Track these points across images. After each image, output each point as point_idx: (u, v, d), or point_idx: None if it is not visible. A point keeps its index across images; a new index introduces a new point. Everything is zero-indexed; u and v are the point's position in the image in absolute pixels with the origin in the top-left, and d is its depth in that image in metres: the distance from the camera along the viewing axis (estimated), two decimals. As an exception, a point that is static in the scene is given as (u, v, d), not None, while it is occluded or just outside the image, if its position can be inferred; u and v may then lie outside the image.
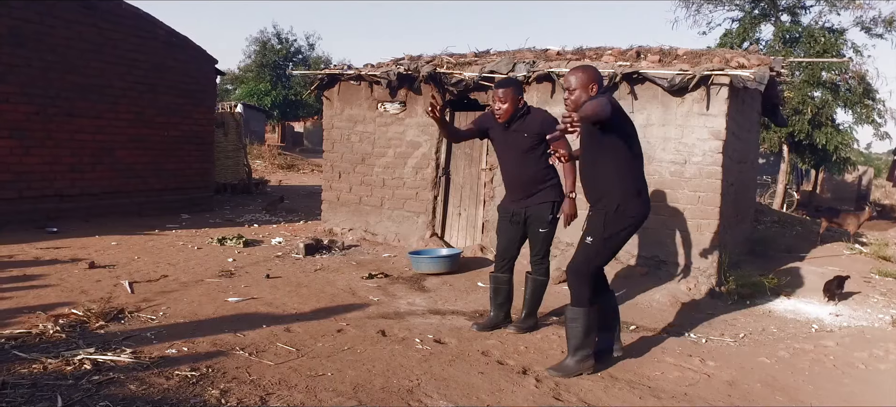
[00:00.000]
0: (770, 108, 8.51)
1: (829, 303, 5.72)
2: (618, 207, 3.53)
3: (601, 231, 3.58)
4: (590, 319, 3.59)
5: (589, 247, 3.61)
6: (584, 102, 3.47)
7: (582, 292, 3.60)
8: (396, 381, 3.29)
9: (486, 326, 4.39)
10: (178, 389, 2.96)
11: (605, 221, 3.57)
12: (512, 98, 4.14)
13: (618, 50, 7.03)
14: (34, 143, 7.56)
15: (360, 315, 4.56)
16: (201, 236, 7.51)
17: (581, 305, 3.59)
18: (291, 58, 33.50)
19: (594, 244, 3.60)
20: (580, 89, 3.57)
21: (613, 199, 3.55)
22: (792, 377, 3.83)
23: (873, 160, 32.54)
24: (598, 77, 3.63)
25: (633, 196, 3.59)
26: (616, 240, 3.63)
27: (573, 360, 3.59)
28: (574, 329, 3.60)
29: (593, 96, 3.54)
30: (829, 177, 21.52)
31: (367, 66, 8.00)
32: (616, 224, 3.57)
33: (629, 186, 3.57)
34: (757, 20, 15.64)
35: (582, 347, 3.59)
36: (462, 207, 7.30)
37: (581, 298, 3.60)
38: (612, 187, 3.55)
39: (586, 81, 3.57)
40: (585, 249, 3.62)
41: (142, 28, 8.79)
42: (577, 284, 3.62)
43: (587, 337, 3.60)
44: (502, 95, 4.14)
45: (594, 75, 3.61)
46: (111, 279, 5.14)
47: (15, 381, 2.91)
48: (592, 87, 3.57)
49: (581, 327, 3.57)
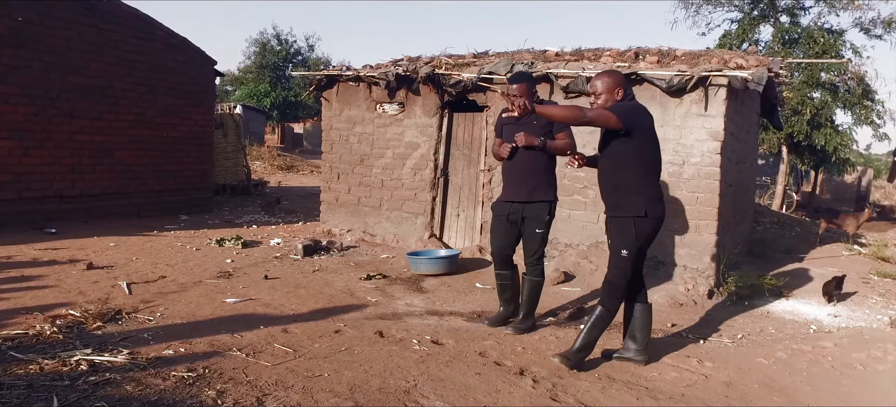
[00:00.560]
0: (768, 109, 8.51)
1: (828, 304, 5.72)
2: (646, 212, 3.59)
3: (634, 241, 3.62)
4: (608, 323, 3.72)
5: (626, 259, 3.63)
6: (607, 108, 3.59)
7: (614, 303, 3.70)
8: (393, 382, 3.29)
9: (496, 320, 4.49)
10: (174, 389, 2.96)
11: (636, 230, 3.61)
12: (526, 92, 4.13)
13: (616, 51, 7.03)
14: (34, 144, 7.56)
15: (358, 316, 4.56)
16: (200, 237, 7.51)
17: (611, 310, 3.69)
18: (291, 59, 33.54)
19: (630, 256, 3.64)
20: (606, 94, 3.65)
21: (639, 205, 3.59)
22: (790, 378, 3.83)
23: (873, 161, 32.51)
24: (623, 82, 3.70)
25: (657, 200, 3.66)
26: (644, 246, 3.71)
27: (578, 352, 3.67)
28: (595, 327, 3.68)
29: (619, 101, 3.63)
30: (828, 178, 21.53)
31: (366, 67, 8.00)
32: (646, 229, 3.63)
33: (652, 191, 3.64)
34: (756, 21, 15.65)
35: (588, 346, 3.69)
36: (460, 208, 7.30)
37: (613, 306, 3.69)
38: (637, 193, 3.59)
39: (612, 86, 3.65)
40: (623, 263, 3.65)
41: (141, 29, 8.79)
42: (612, 295, 3.69)
43: (599, 337, 3.72)
44: (517, 90, 4.14)
45: (619, 80, 3.69)
46: (109, 280, 5.14)
47: (11, 382, 2.91)
48: (618, 92, 3.65)
49: (600, 331, 3.69)
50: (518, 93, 4.11)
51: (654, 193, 3.66)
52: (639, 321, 3.83)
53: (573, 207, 6.43)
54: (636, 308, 3.85)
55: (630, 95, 3.74)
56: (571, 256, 6.38)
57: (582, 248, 6.36)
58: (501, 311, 4.55)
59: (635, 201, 3.60)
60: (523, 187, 4.25)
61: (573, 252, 6.39)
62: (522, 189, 4.26)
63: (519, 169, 4.25)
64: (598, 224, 6.22)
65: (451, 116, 7.33)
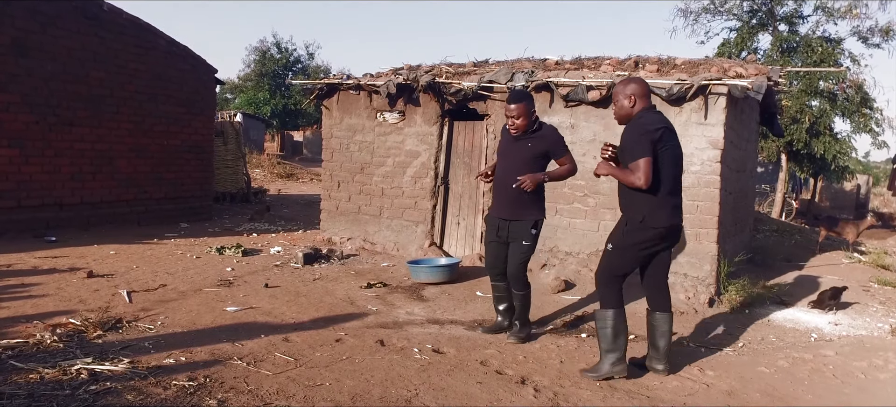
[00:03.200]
0: (768, 118, 8.54)
1: (821, 312, 5.71)
2: (643, 218, 3.59)
3: (620, 239, 3.68)
4: (617, 321, 3.66)
5: (610, 253, 3.73)
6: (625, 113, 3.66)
7: (605, 294, 3.71)
8: (395, 391, 3.28)
9: (492, 329, 4.54)
10: (175, 398, 2.95)
11: (625, 230, 3.66)
12: (525, 112, 4.16)
13: (616, 59, 7.06)
14: (34, 152, 7.57)
15: (359, 325, 4.55)
16: (200, 245, 7.51)
17: (606, 307, 3.69)
18: (291, 67, 33.62)
19: (614, 251, 3.70)
20: (623, 100, 3.67)
21: (639, 210, 3.60)
22: (791, 387, 3.82)
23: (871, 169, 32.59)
24: (636, 91, 3.65)
25: (662, 207, 3.60)
26: (638, 250, 3.67)
27: (605, 363, 3.66)
28: (602, 332, 3.68)
29: (635, 111, 3.62)
30: (827, 185, 21.57)
31: (366, 75, 8.03)
32: (637, 235, 3.62)
33: (658, 198, 3.58)
34: (755, 30, 15.74)
35: (612, 349, 3.65)
36: (461, 217, 7.31)
37: (605, 300, 3.71)
38: (639, 198, 3.58)
39: (629, 94, 3.65)
40: (607, 255, 3.75)
41: (142, 38, 8.82)
42: (600, 286, 3.77)
43: (617, 340, 3.65)
44: (516, 111, 4.15)
45: (638, 90, 3.65)
46: (109, 288, 5.13)
47: (11, 391, 2.90)
48: (633, 100, 3.64)
49: (609, 330, 3.65)
50: (516, 113, 4.14)
51: (662, 199, 3.59)
52: (658, 330, 3.83)
53: (573, 215, 6.44)
54: (656, 317, 3.84)
55: (651, 106, 3.70)
56: (572, 265, 6.38)
57: (582, 256, 6.36)
58: (498, 320, 4.58)
59: (636, 206, 3.62)
60: (509, 206, 4.26)
61: (574, 260, 6.40)
62: (508, 207, 4.27)
63: (507, 185, 4.24)
64: (598, 232, 6.23)
65: (452, 125, 7.34)
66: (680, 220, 3.76)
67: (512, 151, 4.24)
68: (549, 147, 4.22)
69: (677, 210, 3.72)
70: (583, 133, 6.35)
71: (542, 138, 4.21)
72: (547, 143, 4.22)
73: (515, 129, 4.19)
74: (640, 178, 3.45)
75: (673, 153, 3.64)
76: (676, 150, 3.68)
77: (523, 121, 4.16)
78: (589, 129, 6.34)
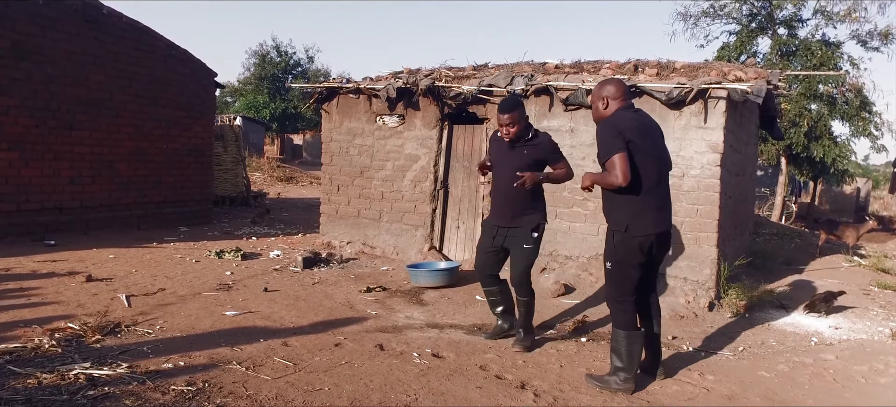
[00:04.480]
0: (767, 121, 8.54)
1: (816, 317, 5.70)
2: (627, 227, 3.46)
3: (613, 254, 3.56)
4: (631, 342, 3.55)
5: (610, 273, 3.62)
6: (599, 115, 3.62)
7: (617, 316, 3.63)
8: (394, 395, 3.27)
9: (494, 334, 4.51)
10: (174, 403, 2.95)
11: (615, 244, 3.54)
12: (518, 120, 4.15)
13: (616, 63, 7.06)
14: (33, 156, 7.56)
15: (358, 329, 4.54)
16: (199, 249, 7.50)
17: (621, 328, 3.59)
18: (290, 70, 33.68)
19: (614, 269, 3.59)
20: (596, 102, 3.65)
21: (622, 217, 3.48)
22: (792, 391, 3.81)
23: (871, 172, 32.62)
24: (612, 91, 3.58)
25: (645, 211, 3.46)
26: (635, 260, 3.51)
27: (615, 378, 3.59)
28: (616, 350, 3.60)
29: (608, 112, 3.56)
30: (827, 189, 21.57)
31: (366, 79, 8.03)
32: (625, 246, 3.50)
33: (640, 199, 3.44)
34: (754, 33, 15.75)
35: (624, 368, 3.56)
36: (460, 220, 7.30)
37: (619, 321, 3.61)
38: (619, 201, 3.48)
39: (596, 98, 3.63)
40: (608, 275, 3.64)
41: (142, 42, 8.83)
42: (612, 309, 3.67)
43: (630, 360, 3.55)
44: (508, 119, 4.13)
45: (605, 91, 3.59)
46: (108, 292, 5.12)
47: (9, 396, 2.89)
48: (605, 102, 3.58)
49: (622, 349, 3.56)
50: (509, 121, 4.13)
51: (645, 204, 3.45)
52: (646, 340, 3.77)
53: (573, 219, 6.43)
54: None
55: (630, 106, 3.61)
56: (572, 268, 6.37)
57: (582, 260, 6.35)
58: (498, 324, 4.54)
59: (617, 215, 3.51)
60: (509, 212, 4.24)
61: (573, 264, 6.39)
62: (508, 213, 4.25)
63: (505, 192, 4.22)
64: (598, 236, 6.22)
65: (451, 128, 7.34)
66: (668, 226, 3.60)
67: (508, 159, 4.23)
68: (544, 155, 4.22)
69: (664, 213, 3.55)
70: (582, 137, 6.35)
71: (537, 146, 4.21)
72: (543, 151, 4.21)
73: (509, 136, 4.18)
74: (618, 175, 3.31)
75: (653, 151, 3.51)
76: (658, 148, 3.58)
77: (516, 128, 4.15)
78: (588, 133, 6.33)
